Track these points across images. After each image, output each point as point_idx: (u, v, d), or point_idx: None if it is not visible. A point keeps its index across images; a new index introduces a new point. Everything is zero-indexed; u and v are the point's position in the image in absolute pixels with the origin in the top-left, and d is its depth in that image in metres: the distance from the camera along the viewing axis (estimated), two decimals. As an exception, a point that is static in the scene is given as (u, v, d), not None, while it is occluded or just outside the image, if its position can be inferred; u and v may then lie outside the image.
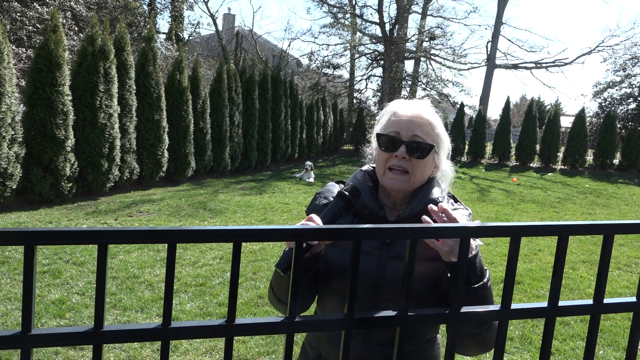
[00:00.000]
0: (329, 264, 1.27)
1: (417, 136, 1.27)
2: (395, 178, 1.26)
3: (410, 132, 1.27)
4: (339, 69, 25.64)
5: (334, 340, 1.28)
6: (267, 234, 0.73)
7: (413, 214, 1.26)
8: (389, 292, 1.23)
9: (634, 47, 23.77)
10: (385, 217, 1.28)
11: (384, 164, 1.29)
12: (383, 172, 1.29)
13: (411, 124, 1.28)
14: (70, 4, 13.33)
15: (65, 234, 0.66)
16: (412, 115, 1.29)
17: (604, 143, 17.79)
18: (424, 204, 1.26)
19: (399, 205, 1.32)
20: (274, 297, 1.32)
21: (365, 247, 1.25)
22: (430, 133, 1.29)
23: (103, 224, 6.83)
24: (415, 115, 1.29)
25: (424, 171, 1.29)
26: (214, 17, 23.57)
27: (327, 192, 1.37)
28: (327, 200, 1.34)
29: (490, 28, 27.27)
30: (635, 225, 0.85)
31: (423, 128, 1.28)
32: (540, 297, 4.76)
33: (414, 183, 1.28)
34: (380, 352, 1.24)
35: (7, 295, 4.13)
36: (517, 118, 37.42)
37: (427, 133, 1.29)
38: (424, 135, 1.28)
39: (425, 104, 1.35)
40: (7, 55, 7.17)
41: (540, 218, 9.12)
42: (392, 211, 1.32)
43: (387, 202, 1.33)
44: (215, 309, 4.09)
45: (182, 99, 10.85)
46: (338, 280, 1.25)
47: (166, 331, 0.72)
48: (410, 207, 1.26)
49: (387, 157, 1.28)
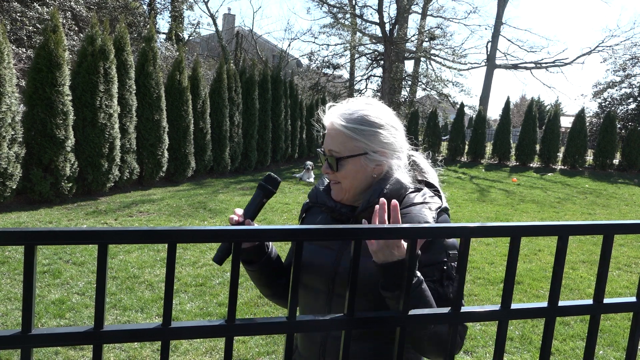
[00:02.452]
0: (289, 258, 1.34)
1: (332, 150, 1.27)
2: (334, 188, 1.30)
3: (327, 146, 1.29)
4: (339, 69, 25.65)
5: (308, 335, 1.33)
6: (267, 234, 0.73)
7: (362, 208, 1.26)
8: (341, 284, 1.24)
9: (633, 47, 23.80)
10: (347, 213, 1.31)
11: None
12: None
13: (327, 137, 1.29)
14: (70, 4, 13.34)
15: (65, 234, 0.66)
16: (327, 127, 1.30)
17: (604, 143, 17.78)
18: (368, 197, 1.26)
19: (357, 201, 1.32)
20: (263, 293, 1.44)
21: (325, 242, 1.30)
22: (346, 142, 1.25)
23: (103, 224, 6.83)
24: (328, 126, 1.29)
25: (354, 177, 1.27)
26: (214, 17, 23.59)
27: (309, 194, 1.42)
28: (305, 202, 1.44)
29: (490, 28, 27.31)
30: (635, 225, 0.85)
31: (336, 139, 1.26)
32: (540, 297, 4.76)
33: (348, 190, 1.28)
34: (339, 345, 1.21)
35: (7, 295, 4.13)
36: (517, 118, 37.41)
37: (341, 143, 1.26)
38: (338, 146, 1.26)
39: (338, 109, 1.30)
40: (7, 55, 7.17)
41: (540, 218, 9.12)
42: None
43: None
44: (215, 309, 4.09)
45: (182, 99, 10.85)
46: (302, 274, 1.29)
47: (166, 331, 0.72)
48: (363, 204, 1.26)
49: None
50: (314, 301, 1.29)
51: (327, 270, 1.26)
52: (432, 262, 1.17)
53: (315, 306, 1.29)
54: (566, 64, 26.29)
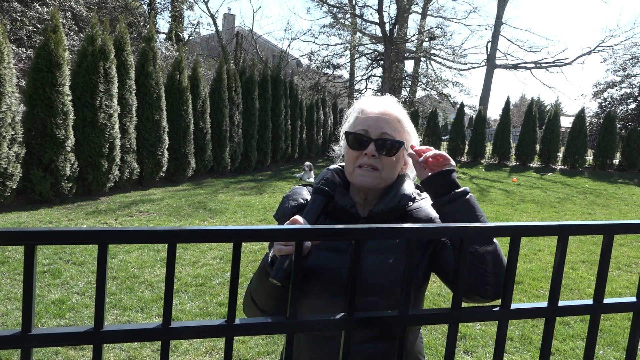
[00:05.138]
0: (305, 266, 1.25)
1: (385, 133, 1.26)
2: (365, 175, 1.24)
3: (378, 129, 1.26)
4: (339, 69, 25.65)
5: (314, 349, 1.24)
6: (267, 234, 0.73)
7: (387, 209, 1.24)
8: (366, 287, 1.19)
9: (634, 47, 23.80)
10: (358, 214, 1.27)
11: (353, 162, 1.27)
12: (352, 170, 1.27)
13: (379, 121, 1.27)
14: (70, 4, 13.33)
15: (65, 234, 0.66)
16: (380, 112, 1.28)
17: (604, 143, 17.79)
18: (398, 200, 1.25)
19: (370, 201, 1.30)
20: (255, 307, 1.23)
21: (337, 246, 1.24)
22: (399, 130, 1.29)
23: (103, 224, 6.83)
24: (383, 112, 1.28)
25: (394, 168, 1.29)
26: (214, 17, 23.59)
27: (295, 195, 1.34)
28: (297, 202, 1.31)
29: (490, 28, 27.30)
30: (635, 225, 0.85)
31: (391, 125, 1.27)
32: (540, 297, 4.76)
33: (384, 180, 1.27)
34: (360, 351, 1.20)
35: (7, 295, 4.13)
36: (517, 118, 37.44)
37: (395, 130, 1.28)
38: (392, 132, 1.27)
39: (392, 101, 1.34)
40: (7, 55, 7.17)
41: (540, 218, 9.12)
42: (363, 207, 1.31)
43: (358, 198, 1.31)
44: (215, 309, 4.09)
45: (182, 99, 10.85)
46: (313, 281, 1.22)
47: (166, 331, 0.72)
48: (384, 203, 1.25)
49: (357, 156, 1.26)
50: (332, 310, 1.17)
51: (344, 275, 1.22)
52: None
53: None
54: (566, 64, 26.28)
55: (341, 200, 1.26)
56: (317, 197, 1.18)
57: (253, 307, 1.25)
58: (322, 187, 1.19)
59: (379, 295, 1.19)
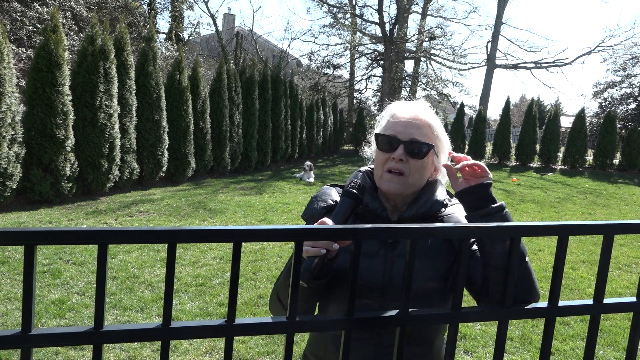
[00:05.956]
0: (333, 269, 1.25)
1: (415, 137, 1.26)
2: (392, 180, 1.25)
3: (408, 133, 1.26)
4: (339, 69, 25.67)
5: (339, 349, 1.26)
6: (267, 234, 0.73)
7: (419, 214, 1.24)
8: (397, 293, 1.19)
9: (634, 47, 23.81)
10: (388, 217, 1.27)
11: (382, 166, 1.27)
12: (381, 174, 1.28)
13: (410, 125, 1.27)
14: (70, 4, 13.34)
15: (65, 234, 0.66)
16: (411, 117, 1.28)
17: (604, 143, 17.79)
18: (430, 205, 1.25)
19: (400, 207, 1.30)
20: (281, 307, 1.26)
21: (368, 250, 1.23)
22: (429, 135, 1.28)
23: (103, 224, 6.83)
24: (413, 117, 1.29)
25: (423, 173, 1.28)
26: (214, 17, 23.59)
27: (324, 196, 1.34)
28: (326, 203, 1.31)
29: (490, 28, 27.28)
30: (635, 225, 0.85)
31: (422, 130, 1.27)
32: (540, 297, 4.75)
33: (411, 185, 1.26)
34: (389, 354, 1.22)
35: (7, 295, 4.13)
36: (517, 118, 37.41)
37: (425, 135, 1.27)
38: (422, 136, 1.26)
39: (424, 106, 1.34)
40: (7, 55, 7.17)
41: (540, 218, 9.12)
42: (393, 212, 1.30)
43: (387, 204, 1.31)
44: (215, 309, 4.09)
45: (182, 99, 10.85)
46: (342, 285, 1.21)
47: (166, 331, 0.72)
48: (415, 208, 1.25)
49: (385, 159, 1.27)
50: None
51: (376, 279, 1.21)
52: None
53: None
54: (566, 64, 26.29)
55: (371, 203, 1.26)
56: (346, 199, 1.18)
57: (279, 306, 1.27)
58: (351, 191, 1.18)
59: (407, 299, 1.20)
